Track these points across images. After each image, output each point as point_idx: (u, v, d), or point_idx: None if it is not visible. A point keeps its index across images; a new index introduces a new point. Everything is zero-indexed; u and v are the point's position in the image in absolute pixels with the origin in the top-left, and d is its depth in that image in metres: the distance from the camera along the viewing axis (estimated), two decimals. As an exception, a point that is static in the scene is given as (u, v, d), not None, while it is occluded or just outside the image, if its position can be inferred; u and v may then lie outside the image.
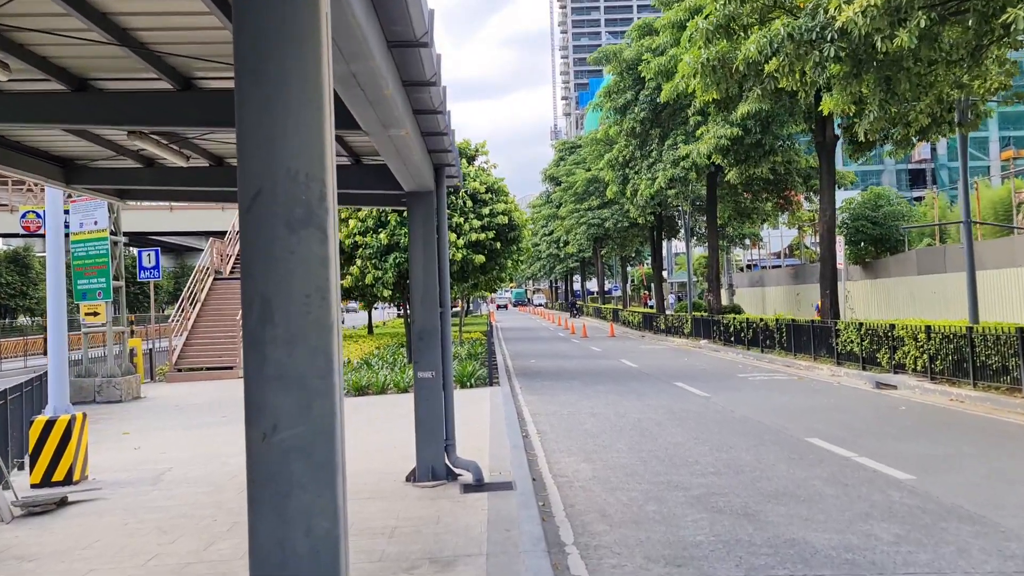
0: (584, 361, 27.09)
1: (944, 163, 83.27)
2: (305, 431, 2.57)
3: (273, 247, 2.59)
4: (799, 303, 45.78)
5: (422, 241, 8.19)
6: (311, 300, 2.60)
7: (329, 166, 2.65)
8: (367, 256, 20.48)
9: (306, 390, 2.59)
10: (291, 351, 2.58)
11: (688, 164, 31.01)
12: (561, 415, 14.28)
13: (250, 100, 2.61)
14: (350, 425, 13.20)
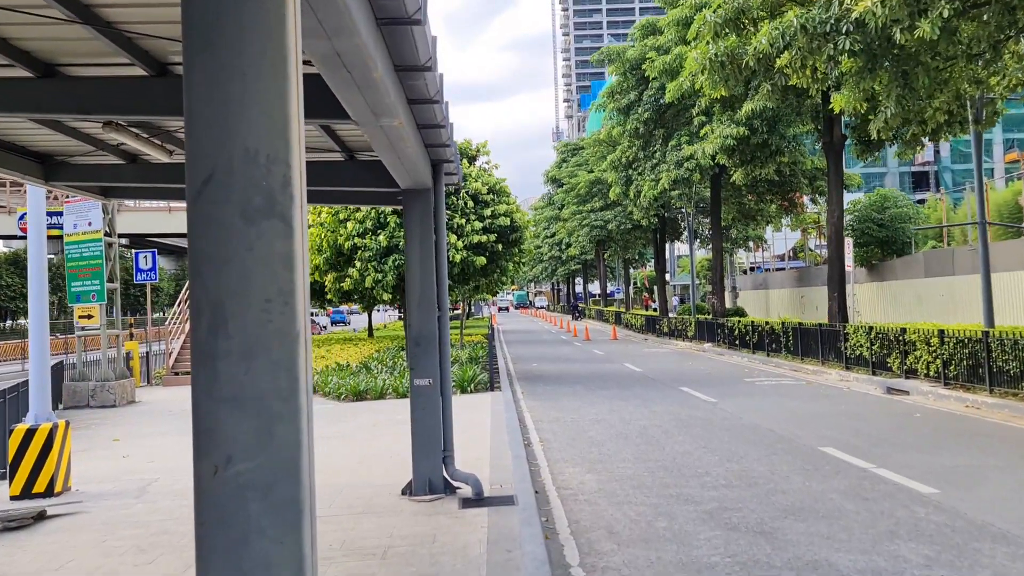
0: (587, 365, 26.63)
1: (947, 165, 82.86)
2: (265, 464, 2.14)
3: (227, 243, 2.16)
4: (803, 306, 45.32)
5: (419, 241, 7.76)
6: (272, 306, 2.17)
7: (296, 147, 2.21)
8: (366, 258, 20.06)
9: (266, 414, 2.15)
10: (248, 367, 2.15)
11: (692, 165, 30.58)
12: (564, 422, 13.84)
13: (199, 66, 2.18)
14: (346, 432, 12.76)
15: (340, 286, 21.15)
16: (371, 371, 20.61)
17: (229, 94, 2.17)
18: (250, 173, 2.17)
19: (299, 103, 2.26)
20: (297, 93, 2.25)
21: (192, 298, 2.19)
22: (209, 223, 2.16)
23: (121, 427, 15.23)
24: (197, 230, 2.17)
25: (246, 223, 2.16)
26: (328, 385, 18.56)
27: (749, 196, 37.02)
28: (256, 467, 2.12)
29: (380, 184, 7.73)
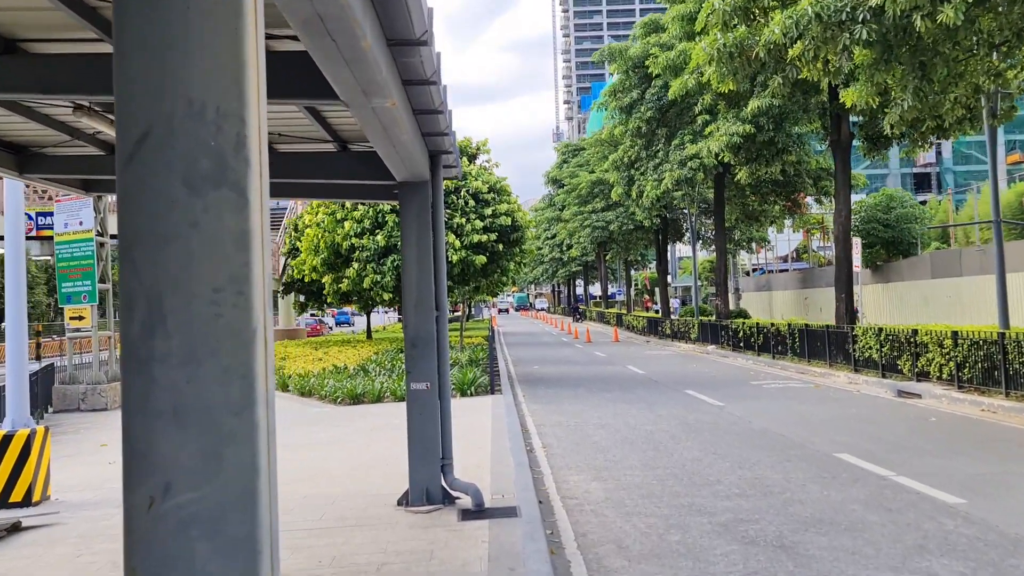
0: (589, 368, 26.19)
1: (949, 167, 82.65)
2: (213, 494, 1.70)
3: (166, 218, 1.73)
4: (807, 307, 44.89)
5: (416, 238, 7.33)
6: (223, 297, 1.73)
7: (253, 99, 1.78)
8: (364, 259, 19.63)
9: (214, 432, 1.72)
10: (192, 373, 1.72)
11: (696, 164, 30.14)
12: (567, 426, 13.40)
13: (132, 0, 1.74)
14: (341, 437, 12.32)
15: (338, 287, 20.72)
16: (369, 374, 20.17)
17: (168, 32, 1.73)
18: (195, 131, 1.74)
19: (258, 46, 1.83)
20: (255, 33, 1.81)
21: (122, 288, 1.75)
22: (143, 193, 1.73)
23: (110, 432, 14.79)
24: (129, 202, 1.74)
25: (190, 193, 1.73)
26: (324, 388, 18.12)
27: (752, 197, 36.59)
28: (202, 498, 1.69)
29: (375, 177, 7.29)
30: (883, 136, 22.49)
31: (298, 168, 7.39)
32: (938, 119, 13.16)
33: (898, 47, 10.87)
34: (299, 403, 17.85)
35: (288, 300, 34.68)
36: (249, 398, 1.74)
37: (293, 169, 7.37)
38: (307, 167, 7.38)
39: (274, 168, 7.30)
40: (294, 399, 18.66)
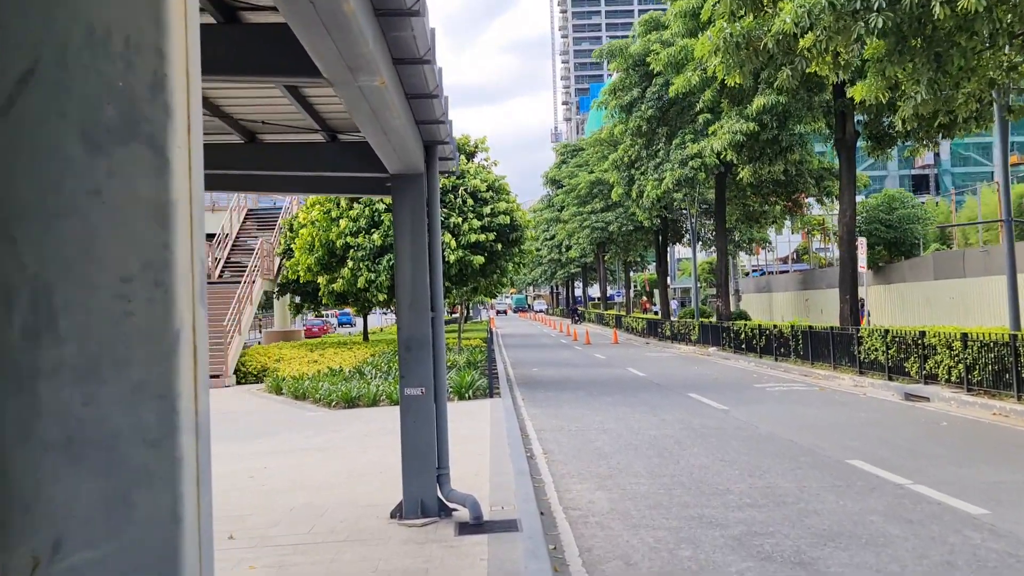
0: (589, 370, 25.77)
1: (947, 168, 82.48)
2: (118, 554, 1.27)
3: (58, 184, 1.29)
4: (808, 309, 44.51)
5: (410, 234, 6.89)
6: (134, 289, 1.30)
7: (177, 25, 1.34)
8: (359, 258, 19.19)
9: (122, 470, 1.29)
10: (91, 392, 1.28)
11: (697, 164, 29.75)
12: (569, 431, 12.96)
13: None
14: (334, 443, 11.88)
15: (332, 287, 20.27)
16: (365, 377, 19.73)
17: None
18: (97, 67, 1.30)
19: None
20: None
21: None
22: (26, 151, 1.30)
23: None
24: (7, 164, 1.30)
25: (90, 151, 1.30)
26: (319, 391, 17.68)
27: (753, 197, 36.22)
28: (102, 558, 1.25)
29: (366, 169, 6.85)
30: (887, 135, 22.13)
31: (284, 160, 6.95)
32: (950, 115, 12.75)
33: (913, 37, 10.45)
34: (292, 407, 17.42)
35: (283, 301, 34.19)
36: (169, 424, 1.31)
37: (279, 161, 6.93)
38: (294, 159, 6.94)
39: (259, 160, 6.89)
40: (287, 403, 18.23)
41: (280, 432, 13.41)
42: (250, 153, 6.83)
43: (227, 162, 6.83)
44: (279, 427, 14.18)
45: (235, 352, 24.89)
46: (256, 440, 12.66)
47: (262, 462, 10.58)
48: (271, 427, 14.26)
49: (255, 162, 6.88)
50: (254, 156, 6.85)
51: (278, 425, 14.49)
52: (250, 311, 26.97)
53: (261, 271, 28.46)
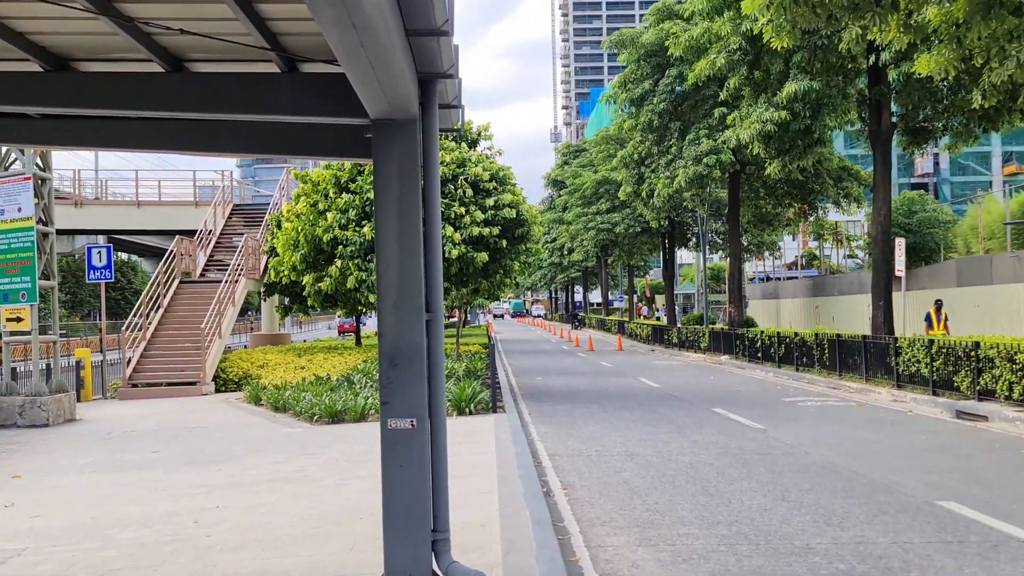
0: (597, 379, 23.85)
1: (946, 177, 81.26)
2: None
3: None
4: (818, 316, 42.66)
5: (397, 205, 4.96)
6: None
7: None
8: (348, 254, 17.22)
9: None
10: None
11: (712, 161, 27.86)
12: (588, 457, 11.01)
13: None
14: (309, 472, 9.90)
15: (319, 287, 18.29)
16: (353, 386, 17.76)
17: None
18: None
19: None
20: None
21: None
22: None
23: (36, 457, 12.36)
24: None
25: None
26: (300, 403, 15.71)
27: (765, 199, 34.39)
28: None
29: (336, 111, 4.92)
30: (923, 128, 20.26)
31: (222, 99, 4.97)
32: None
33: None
34: (270, 420, 15.44)
35: (271, 303, 32.18)
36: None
37: (214, 100, 4.95)
38: (236, 97, 4.96)
39: (187, 97, 4.96)
40: (265, 415, 16.25)
41: (247, 455, 11.43)
42: (176, 88, 4.90)
43: (141, 100, 4.90)
44: (249, 447, 12.21)
45: (214, 357, 22.89)
46: (217, 465, 10.68)
47: (216, 498, 8.61)
48: (239, 447, 12.29)
49: (182, 100, 4.93)
50: (180, 92, 4.91)
51: (248, 444, 12.52)
52: (232, 312, 24.98)
53: (246, 270, 26.47)
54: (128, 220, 32.50)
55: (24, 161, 16.21)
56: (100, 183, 33.79)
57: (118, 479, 10.08)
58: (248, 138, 5.73)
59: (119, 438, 14.03)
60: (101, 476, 10.37)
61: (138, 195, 32.39)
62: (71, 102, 4.99)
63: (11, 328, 16.28)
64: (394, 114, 4.81)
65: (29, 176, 16.00)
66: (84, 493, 9.28)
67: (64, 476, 10.49)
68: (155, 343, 23.29)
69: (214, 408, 18.16)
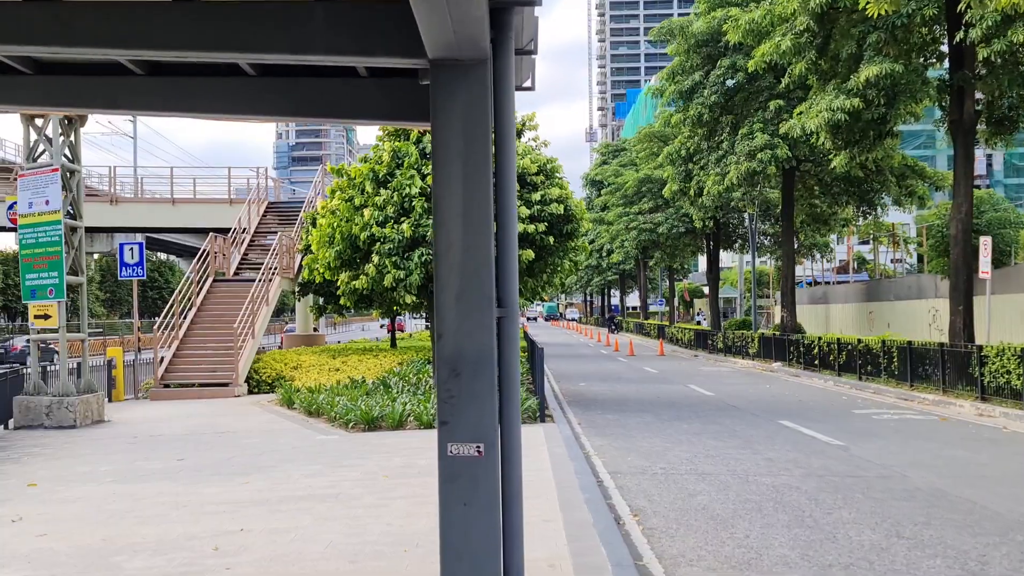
0: (644, 386, 22.62)
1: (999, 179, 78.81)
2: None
3: None
4: (872, 322, 40.90)
5: (461, 167, 3.87)
6: None
7: None
8: (386, 252, 16.20)
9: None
10: None
11: (767, 156, 26.49)
12: (654, 476, 9.84)
13: None
14: (343, 488, 8.85)
15: (353, 286, 17.28)
16: (390, 391, 16.75)
17: None
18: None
19: None
20: None
21: None
22: None
23: (57, 462, 11.49)
24: None
25: None
26: (335, 408, 14.72)
27: (820, 198, 32.87)
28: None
29: (383, 49, 3.85)
30: (1008, 118, 18.72)
31: (239, 33, 3.90)
32: None
33: None
34: (302, 426, 14.47)
35: (305, 303, 31.38)
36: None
37: (230, 35, 3.88)
38: (257, 32, 3.90)
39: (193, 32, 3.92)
40: (298, 420, 15.30)
41: (277, 466, 10.43)
42: (183, 20, 3.85)
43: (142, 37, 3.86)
44: (280, 456, 11.21)
45: (247, 358, 22.06)
46: (244, 477, 9.69)
47: (241, 518, 7.59)
48: (269, 456, 11.30)
49: (192, 36, 3.88)
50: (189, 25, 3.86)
51: (279, 453, 11.53)
52: (266, 312, 24.16)
53: (280, 269, 25.65)
54: (163, 218, 31.94)
55: (52, 152, 15.44)
56: (136, 181, 33.35)
57: (137, 491, 9.13)
58: (281, 98, 4.74)
59: (145, 443, 13.14)
60: (120, 487, 9.43)
61: (173, 193, 31.79)
62: (55, 39, 3.97)
63: (38, 325, 15.50)
64: (460, 51, 3.71)
65: (57, 167, 15.23)
66: (98, 508, 8.32)
67: (81, 486, 9.57)
68: (188, 343, 22.54)
69: (246, 411, 17.28)
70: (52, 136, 15.35)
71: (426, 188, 16.14)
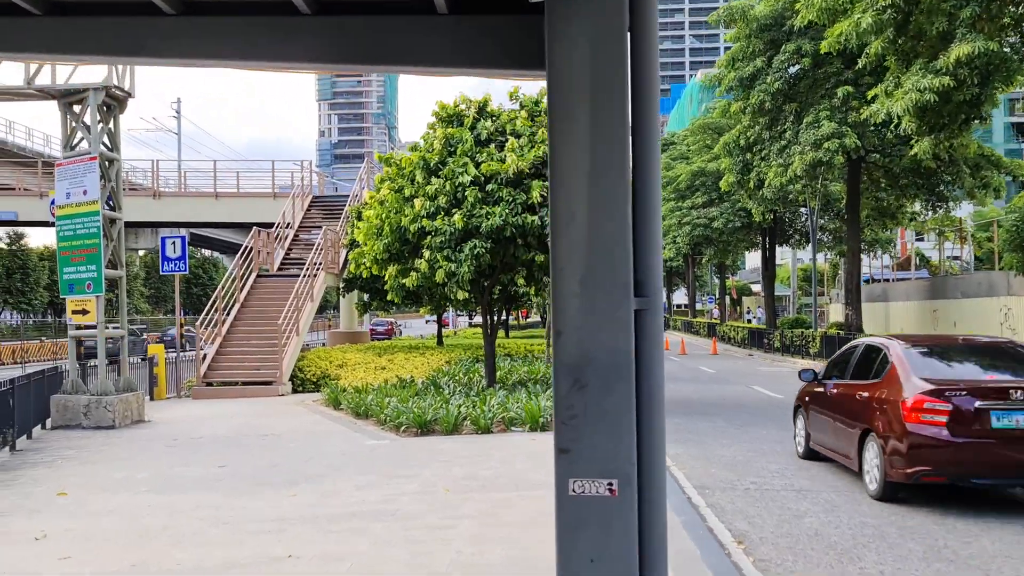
0: (704, 387, 21.46)
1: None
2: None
3: None
4: (937, 321, 39.08)
5: (590, 114, 2.90)
6: None
7: None
8: (437, 245, 15.25)
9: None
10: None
11: (834, 145, 25.05)
12: (747, 492, 8.75)
13: None
14: (399, 504, 7.91)
15: (402, 282, 16.38)
16: (442, 391, 15.85)
17: None
18: None
19: None
20: None
21: None
22: None
23: (91, 466, 10.76)
24: None
25: None
26: (385, 410, 13.84)
27: (886, 191, 31.28)
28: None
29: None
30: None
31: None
32: None
33: None
34: (351, 429, 13.62)
35: (350, 299, 30.66)
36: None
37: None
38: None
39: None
40: (346, 422, 14.46)
41: (327, 474, 9.55)
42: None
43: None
44: (328, 463, 10.34)
45: (292, 355, 21.36)
46: (291, 489, 8.81)
47: (288, 540, 6.69)
48: (318, 463, 10.43)
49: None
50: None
51: (328, 459, 10.66)
52: (310, 308, 23.45)
53: (325, 263, 24.94)
54: (206, 213, 31.45)
55: (90, 140, 14.79)
56: (180, 174, 32.96)
57: (175, 503, 8.30)
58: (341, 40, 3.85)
59: (185, 445, 12.39)
60: (156, 498, 8.61)
61: (216, 187, 31.29)
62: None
63: (76, 321, 14.88)
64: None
65: (95, 156, 14.57)
66: (131, 523, 7.49)
67: (115, 496, 8.78)
68: (231, 340, 21.91)
69: (290, 411, 16.51)
70: (90, 123, 14.70)
71: (479, 177, 15.18)
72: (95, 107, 14.55)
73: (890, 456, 7.90)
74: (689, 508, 7.63)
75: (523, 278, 15.95)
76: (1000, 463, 7.42)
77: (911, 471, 7.67)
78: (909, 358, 8.43)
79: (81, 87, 14.55)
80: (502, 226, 14.69)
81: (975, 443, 7.43)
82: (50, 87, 14.68)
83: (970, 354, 8.95)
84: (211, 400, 19.32)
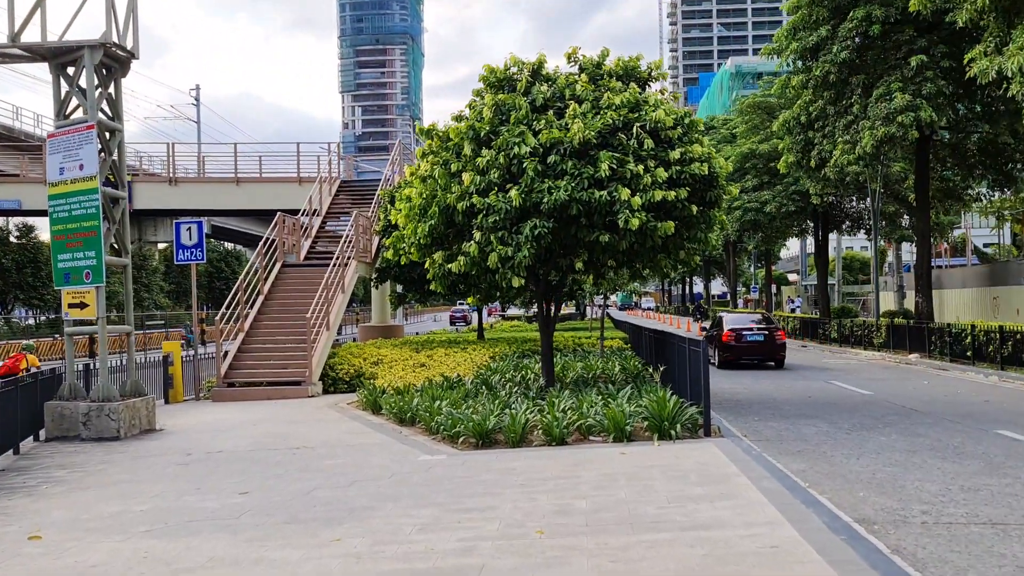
0: (778, 382, 19.39)
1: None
2: None
3: None
4: (996, 308, 36.58)
5: None
6: None
7: None
8: (489, 226, 13.14)
9: None
10: None
11: (908, 119, 22.69)
12: (925, 527, 6.59)
13: None
14: (481, 553, 5.82)
15: (447, 268, 14.30)
16: (496, 392, 13.80)
17: None
18: None
19: None
20: None
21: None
22: None
23: (80, 494, 8.81)
24: None
25: None
26: (435, 416, 11.81)
27: (952, 170, 28.87)
28: None
29: None
30: None
31: None
32: None
33: None
34: (395, 439, 11.60)
35: (383, 290, 28.66)
36: None
37: None
38: None
39: None
40: (388, 430, 12.46)
41: (377, 506, 7.51)
42: None
43: None
44: (375, 490, 8.30)
45: (322, 352, 19.41)
46: (333, 529, 6.78)
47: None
48: (363, 487, 8.40)
49: None
50: None
51: (374, 484, 8.62)
52: (341, 300, 21.49)
53: (356, 251, 22.95)
54: (227, 200, 29.57)
55: (87, 106, 12.84)
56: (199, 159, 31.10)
57: (179, 554, 6.29)
58: None
59: (200, 463, 10.43)
60: (155, 544, 6.62)
61: (237, 171, 29.38)
62: None
63: (73, 315, 12.96)
64: None
65: (92, 124, 12.62)
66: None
67: (102, 540, 6.81)
68: (254, 336, 20.01)
69: (323, 416, 14.55)
70: (86, 87, 12.73)
71: (538, 147, 13.06)
72: (91, 68, 12.58)
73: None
74: (875, 554, 5.50)
75: (583, 262, 13.80)
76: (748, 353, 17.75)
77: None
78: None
79: (75, 44, 12.57)
80: (568, 203, 12.57)
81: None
82: (39, 45, 12.71)
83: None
84: (233, 403, 17.44)
